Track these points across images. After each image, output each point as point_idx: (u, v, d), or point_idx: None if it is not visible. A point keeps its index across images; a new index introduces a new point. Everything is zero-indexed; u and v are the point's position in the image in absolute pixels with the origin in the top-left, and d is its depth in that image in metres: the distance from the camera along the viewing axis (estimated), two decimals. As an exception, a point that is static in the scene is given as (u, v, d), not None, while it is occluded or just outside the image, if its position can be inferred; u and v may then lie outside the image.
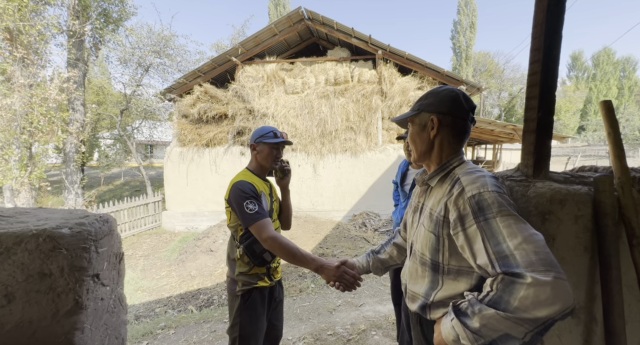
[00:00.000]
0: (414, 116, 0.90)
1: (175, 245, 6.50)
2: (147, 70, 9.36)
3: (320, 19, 7.22)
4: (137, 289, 4.51)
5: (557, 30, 0.84)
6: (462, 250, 0.73)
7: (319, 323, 2.88)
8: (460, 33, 26.36)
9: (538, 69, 0.86)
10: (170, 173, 7.96)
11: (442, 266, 0.81)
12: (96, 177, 15.88)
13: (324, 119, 7.30)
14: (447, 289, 0.81)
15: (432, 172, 0.89)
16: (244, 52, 7.66)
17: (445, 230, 0.78)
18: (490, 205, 0.69)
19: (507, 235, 0.65)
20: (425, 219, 0.86)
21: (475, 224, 0.69)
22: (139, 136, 12.46)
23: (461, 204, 0.73)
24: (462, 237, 0.72)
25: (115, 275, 0.75)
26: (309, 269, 1.20)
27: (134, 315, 3.69)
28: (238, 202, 1.33)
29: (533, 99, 0.88)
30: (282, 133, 1.51)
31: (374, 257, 1.18)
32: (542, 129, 0.87)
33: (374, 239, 5.77)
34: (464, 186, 0.74)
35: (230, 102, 7.66)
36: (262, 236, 1.28)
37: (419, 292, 0.87)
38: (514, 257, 0.62)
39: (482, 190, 0.71)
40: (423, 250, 0.85)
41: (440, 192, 0.83)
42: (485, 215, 0.68)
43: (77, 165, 7.29)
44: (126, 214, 7.26)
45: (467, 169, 0.81)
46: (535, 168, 0.88)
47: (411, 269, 0.91)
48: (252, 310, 1.40)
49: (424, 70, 7.15)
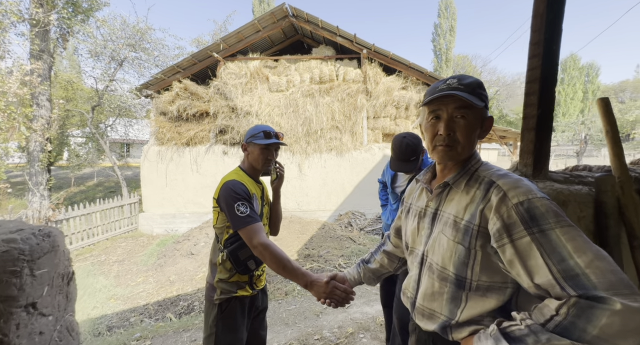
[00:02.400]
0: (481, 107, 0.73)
1: (153, 249, 6.18)
2: (121, 65, 8.81)
3: (305, 17, 7.11)
4: (110, 297, 4.22)
5: (558, 23, 0.80)
6: (511, 265, 0.63)
7: (306, 327, 2.79)
8: (440, 36, 27.07)
9: (537, 64, 0.82)
10: (147, 173, 7.57)
11: (469, 282, 0.71)
12: (66, 178, 14.86)
13: (309, 117, 7.20)
14: (473, 306, 0.71)
15: (455, 174, 0.77)
16: (226, 47, 7.41)
17: (479, 242, 0.68)
18: (544, 213, 0.60)
19: (573, 250, 0.56)
20: (448, 228, 0.75)
21: (529, 236, 0.60)
22: (113, 134, 11.77)
23: (505, 212, 0.63)
24: (511, 250, 0.62)
25: (61, 301, 0.62)
26: (297, 283, 1.12)
27: (106, 326, 3.43)
28: (229, 203, 1.23)
29: (532, 95, 0.84)
30: (277, 133, 1.41)
31: (364, 268, 1.10)
32: (541, 126, 0.83)
33: (360, 238, 5.75)
34: (505, 191, 0.65)
35: (211, 99, 7.38)
36: (253, 242, 1.18)
37: (439, 311, 0.76)
38: (586, 277, 0.54)
39: (531, 196, 0.62)
40: (445, 264, 0.74)
41: (465, 197, 0.73)
42: (541, 226, 0.59)
43: (42, 165, 6.73)
44: (99, 216, 6.82)
45: (496, 170, 0.73)
46: (534, 167, 0.84)
47: (425, 284, 0.80)
48: (230, 320, 1.30)
49: (408, 71, 7.23)
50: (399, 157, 1.72)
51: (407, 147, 1.69)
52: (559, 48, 0.82)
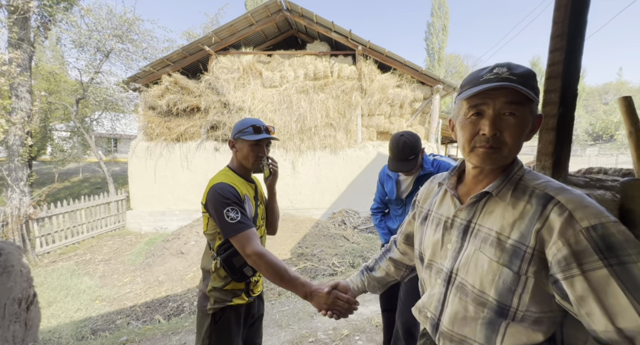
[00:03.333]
0: (531, 102, 0.62)
1: (142, 247, 5.99)
2: (108, 56, 8.47)
3: (299, 11, 6.96)
4: (94, 298, 4.05)
5: (583, 14, 0.74)
6: (581, 302, 0.52)
7: (300, 329, 2.73)
8: (433, 35, 27.23)
9: (560, 59, 0.76)
10: (135, 169, 7.33)
11: (513, 311, 0.60)
12: (50, 174, 14.32)
13: (303, 114, 7.09)
14: (515, 336, 0.62)
15: (497, 183, 0.65)
16: (217, 41, 7.20)
17: (532, 268, 0.58)
18: (622, 243, 0.50)
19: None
20: (487, 246, 0.64)
21: (605, 268, 0.50)
22: (99, 129, 11.37)
23: (572, 236, 0.53)
24: (583, 284, 0.51)
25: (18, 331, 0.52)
26: (296, 294, 1.03)
27: (91, 329, 3.29)
28: (217, 209, 1.13)
29: (553, 93, 0.78)
30: (267, 127, 1.29)
31: (369, 276, 1.01)
32: (562, 126, 0.77)
33: (353, 236, 5.72)
34: (570, 210, 0.54)
35: (203, 94, 7.18)
36: (246, 251, 1.09)
37: (472, 337, 0.67)
38: None
39: (604, 220, 0.52)
40: (483, 287, 0.64)
41: (512, 212, 0.62)
42: (620, 257, 0.49)
43: (23, 159, 6.40)
44: (84, 214, 6.56)
45: (548, 181, 0.62)
46: (554, 171, 0.79)
47: (457, 308, 0.69)
48: (225, 331, 1.22)
49: (403, 68, 7.19)
50: (397, 156, 1.66)
51: (404, 145, 1.63)
52: (583, 42, 0.77)
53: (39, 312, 0.62)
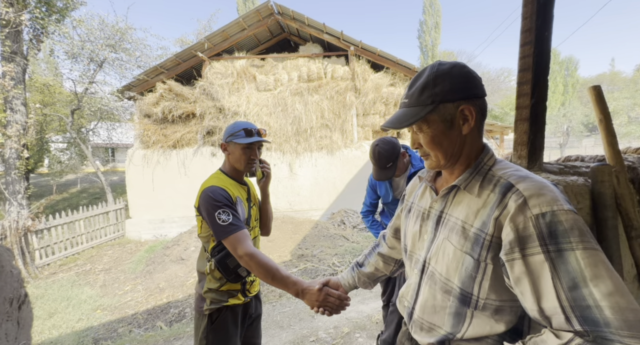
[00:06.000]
0: (430, 113, 0.64)
1: (142, 255, 5.99)
2: (101, 66, 8.49)
3: (291, 14, 7.02)
4: (96, 307, 4.05)
5: (549, 9, 0.77)
6: (517, 283, 0.56)
7: (301, 329, 2.74)
8: (426, 32, 27.38)
9: (530, 52, 0.79)
10: (133, 178, 7.33)
11: (474, 299, 0.63)
12: (47, 186, 14.29)
13: (298, 116, 7.13)
14: (480, 325, 0.64)
15: (464, 175, 0.67)
16: (210, 47, 7.23)
17: (490, 254, 0.60)
18: (567, 231, 0.51)
19: (590, 277, 0.48)
20: (454, 234, 0.66)
21: (543, 254, 0.52)
22: (95, 139, 11.36)
23: (521, 222, 0.55)
24: (521, 267, 0.54)
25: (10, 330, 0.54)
26: (288, 292, 1.06)
27: (93, 338, 3.29)
28: (209, 211, 1.15)
29: (525, 84, 0.81)
30: (259, 129, 1.32)
31: (359, 272, 1.03)
32: (535, 116, 0.80)
33: (353, 236, 5.74)
34: (525, 197, 0.56)
35: (197, 100, 7.20)
36: (238, 252, 1.11)
37: (440, 325, 0.69)
38: (600, 310, 0.47)
39: (556, 207, 0.53)
40: (449, 275, 0.66)
41: (477, 201, 0.64)
42: (559, 244, 0.51)
43: (19, 172, 6.40)
44: (82, 224, 6.55)
45: (514, 171, 0.63)
46: (529, 159, 0.82)
47: (427, 296, 0.71)
48: (221, 331, 1.23)
49: (396, 67, 7.25)
50: (377, 165, 1.73)
51: (379, 155, 1.69)
52: (551, 35, 0.80)
53: (31, 311, 0.64)
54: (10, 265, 0.56)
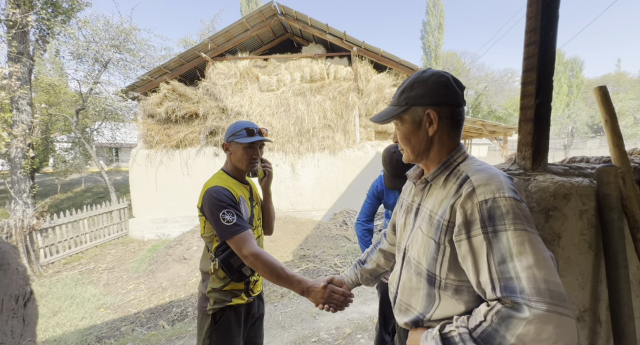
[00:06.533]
0: (403, 113, 0.75)
1: (145, 254, 6.02)
2: (106, 66, 8.56)
3: (294, 15, 7.03)
4: (99, 306, 4.08)
5: (554, 8, 0.77)
6: (464, 261, 0.64)
7: (303, 329, 2.74)
8: (429, 33, 27.28)
9: (534, 52, 0.79)
10: (136, 177, 7.38)
11: (438, 279, 0.70)
12: (52, 185, 14.41)
13: (300, 117, 7.14)
14: (446, 306, 0.70)
15: (434, 170, 0.76)
16: (214, 47, 7.27)
17: (447, 237, 0.67)
18: (503, 214, 0.59)
19: (516, 253, 0.55)
20: (424, 222, 0.74)
21: (482, 234, 0.60)
22: (100, 139, 11.46)
23: (469, 208, 0.62)
24: (466, 247, 0.62)
25: (16, 326, 0.54)
26: (294, 291, 1.08)
27: (96, 336, 3.31)
28: (213, 212, 1.15)
29: (530, 85, 0.80)
30: (260, 129, 1.31)
31: (361, 269, 1.07)
32: (540, 117, 0.80)
33: (354, 237, 5.73)
34: (474, 186, 0.63)
35: (201, 100, 7.24)
36: (243, 252, 1.12)
37: (414, 306, 0.77)
38: (519, 280, 0.54)
39: (497, 195, 0.60)
40: (419, 259, 0.74)
41: (442, 192, 0.72)
42: (495, 226, 0.59)
43: (25, 172, 6.46)
44: (86, 223, 6.61)
45: (476, 166, 0.70)
46: (533, 160, 0.81)
47: (404, 279, 0.80)
48: (225, 332, 1.24)
49: (399, 67, 7.23)
50: (393, 173, 1.61)
51: (397, 164, 1.57)
52: (556, 34, 0.79)
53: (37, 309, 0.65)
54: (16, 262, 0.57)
